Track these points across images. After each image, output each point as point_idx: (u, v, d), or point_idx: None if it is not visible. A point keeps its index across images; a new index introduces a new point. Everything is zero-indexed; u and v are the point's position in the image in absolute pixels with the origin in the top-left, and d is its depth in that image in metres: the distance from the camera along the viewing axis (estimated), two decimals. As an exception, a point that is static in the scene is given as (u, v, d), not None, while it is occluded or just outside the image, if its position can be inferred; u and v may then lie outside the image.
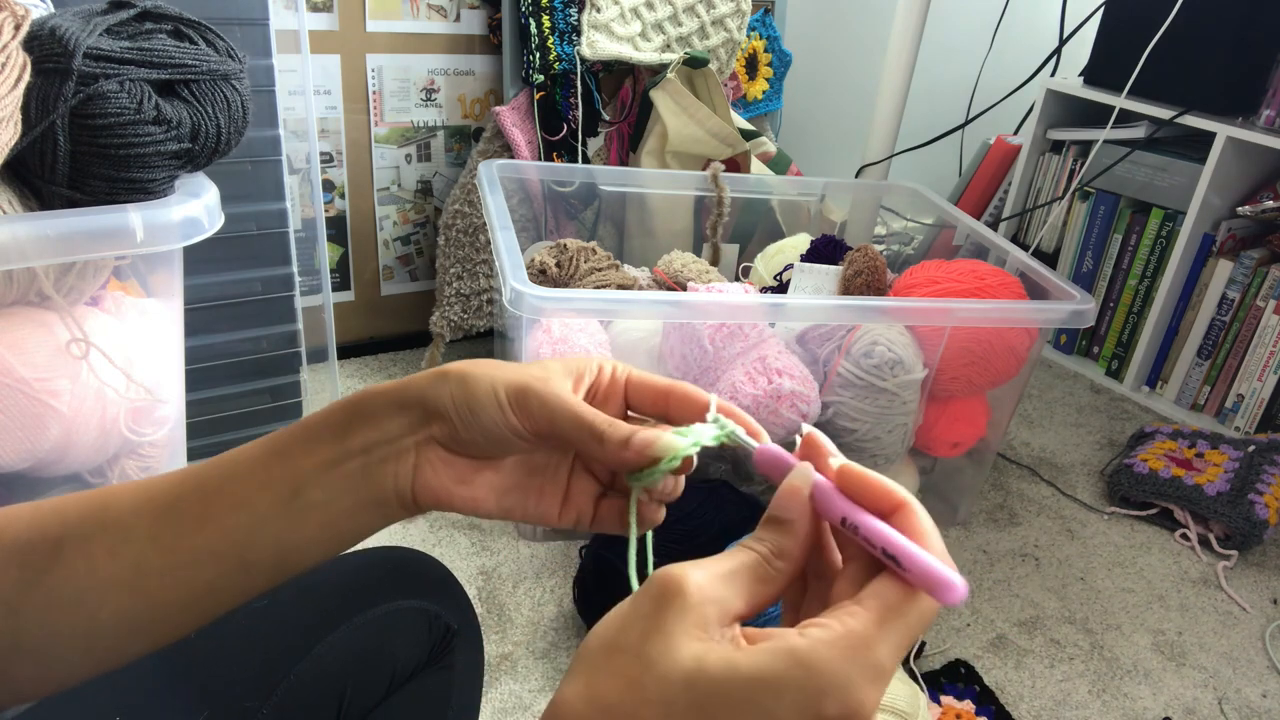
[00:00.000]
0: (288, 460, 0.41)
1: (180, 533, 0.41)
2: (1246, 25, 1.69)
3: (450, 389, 0.41)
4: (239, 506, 0.41)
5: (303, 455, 0.41)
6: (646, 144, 1.58)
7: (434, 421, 0.41)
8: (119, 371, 0.87)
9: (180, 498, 0.42)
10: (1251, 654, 1.26)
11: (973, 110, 2.09)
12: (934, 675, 1.14)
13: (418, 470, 0.41)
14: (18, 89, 0.75)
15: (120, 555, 0.41)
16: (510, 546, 1.30)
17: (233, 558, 0.41)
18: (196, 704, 0.58)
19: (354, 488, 0.41)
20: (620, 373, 0.45)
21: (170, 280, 0.96)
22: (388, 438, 0.41)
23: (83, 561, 0.41)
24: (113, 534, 0.41)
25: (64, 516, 0.42)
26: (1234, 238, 1.79)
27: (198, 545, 0.41)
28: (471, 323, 1.62)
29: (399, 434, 0.41)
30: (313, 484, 0.41)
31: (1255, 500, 1.43)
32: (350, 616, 0.64)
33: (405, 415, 0.41)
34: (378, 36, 1.54)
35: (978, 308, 1.21)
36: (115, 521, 0.41)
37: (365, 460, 0.41)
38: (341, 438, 0.41)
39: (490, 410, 0.41)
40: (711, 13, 1.64)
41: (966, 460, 1.45)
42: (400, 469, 0.41)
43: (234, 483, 0.42)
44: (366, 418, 0.42)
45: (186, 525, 0.41)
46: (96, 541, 0.41)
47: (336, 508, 0.41)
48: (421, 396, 0.41)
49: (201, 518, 0.41)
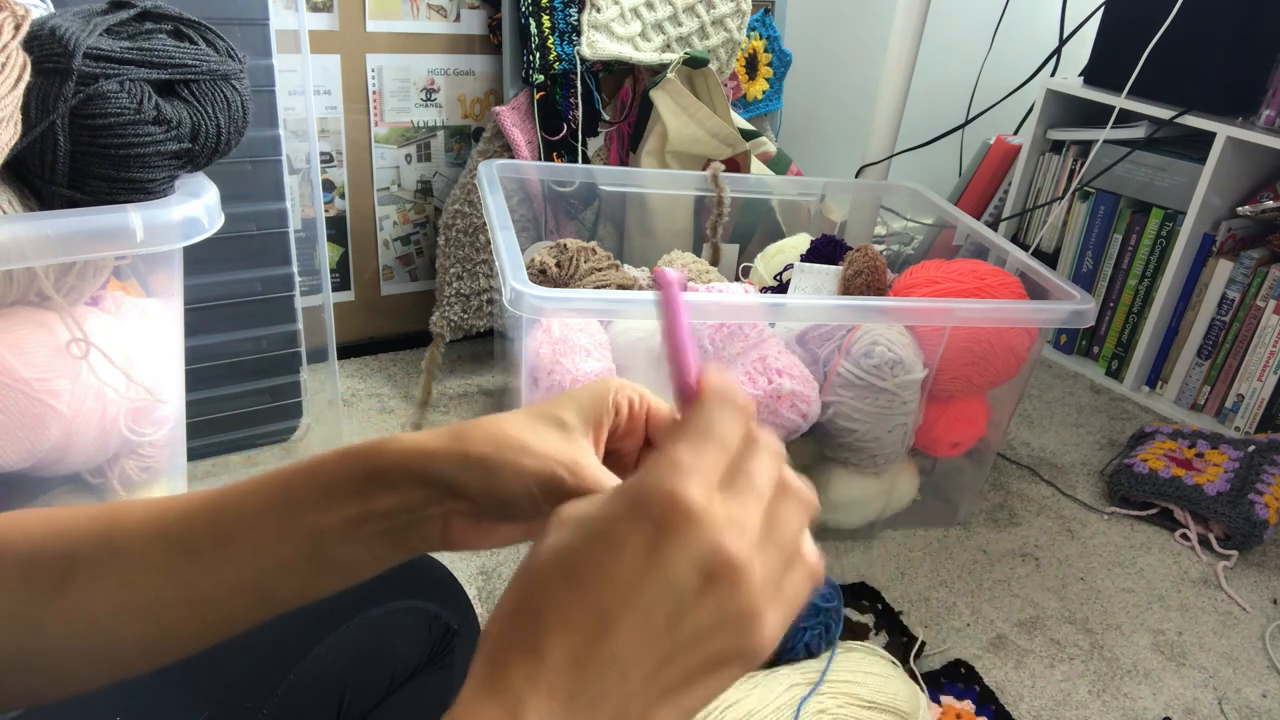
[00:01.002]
0: (303, 514, 0.40)
1: (197, 571, 0.40)
2: (1246, 25, 1.69)
3: (477, 478, 0.39)
4: (258, 554, 0.40)
5: (320, 511, 0.40)
6: (646, 144, 1.58)
7: (460, 499, 0.40)
8: (119, 371, 0.87)
9: (194, 535, 0.41)
10: (1251, 654, 1.26)
11: (973, 110, 2.09)
12: (934, 675, 1.15)
13: (445, 535, 0.41)
14: (18, 89, 0.75)
15: (134, 586, 0.40)
16: (510, 546, 1.29)
17: (253, 594, 0.41)
18: (196, 704, 0.58)
19: (378, 545, 0.41)
20: (639, 406, 0.43)
21: (170, 280, 0.96)
22: (410, 507, 0.40)
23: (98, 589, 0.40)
24: (124, 562, 0.41)
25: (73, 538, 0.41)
26: (1234, 238, 1.79)
27: (217, 583, 0.40)
28: (471, 323, 1.62)
29: (422, 504, 0.40)
30: (335, 542, 0.40)
31: (1255, 500, 1.43)
32: (350, 616, 0.64)
33: (427, 489, 0.40)
34: (378, 36, 1.54)
35: (978, 308, 1.21)
36: (125, 549, 0.41)
37: (390, 525, 0.40)
38: (362, 499, 0.40)
39: (523, 504, 0.39)
40: (711, 13, 1.64)
41: (966, 460, 1.45)
42: (427, 533, 0.41)
43: (249, 530, 0.41)
44: (387, 484, 0.40)
45: (203, 564, 0.40)
46: (108, 569, 0.40)
47: (360, 559, 0.41)
48: (444, 478, 0.40)
49: (218, 558, 0.40)
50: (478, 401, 1.64)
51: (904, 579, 1.32)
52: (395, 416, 1.57)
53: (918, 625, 1.23)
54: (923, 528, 1.43)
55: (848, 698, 0.97)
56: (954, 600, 1.29)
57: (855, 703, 0.96)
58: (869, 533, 1.40)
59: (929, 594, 1.30)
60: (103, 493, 0.98)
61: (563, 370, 1.16)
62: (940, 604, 1.28)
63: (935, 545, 1.40)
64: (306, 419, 1.47)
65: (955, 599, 1.29)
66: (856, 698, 0.97)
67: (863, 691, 0.97)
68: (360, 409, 1.58)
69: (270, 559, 0.40)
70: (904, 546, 1.39)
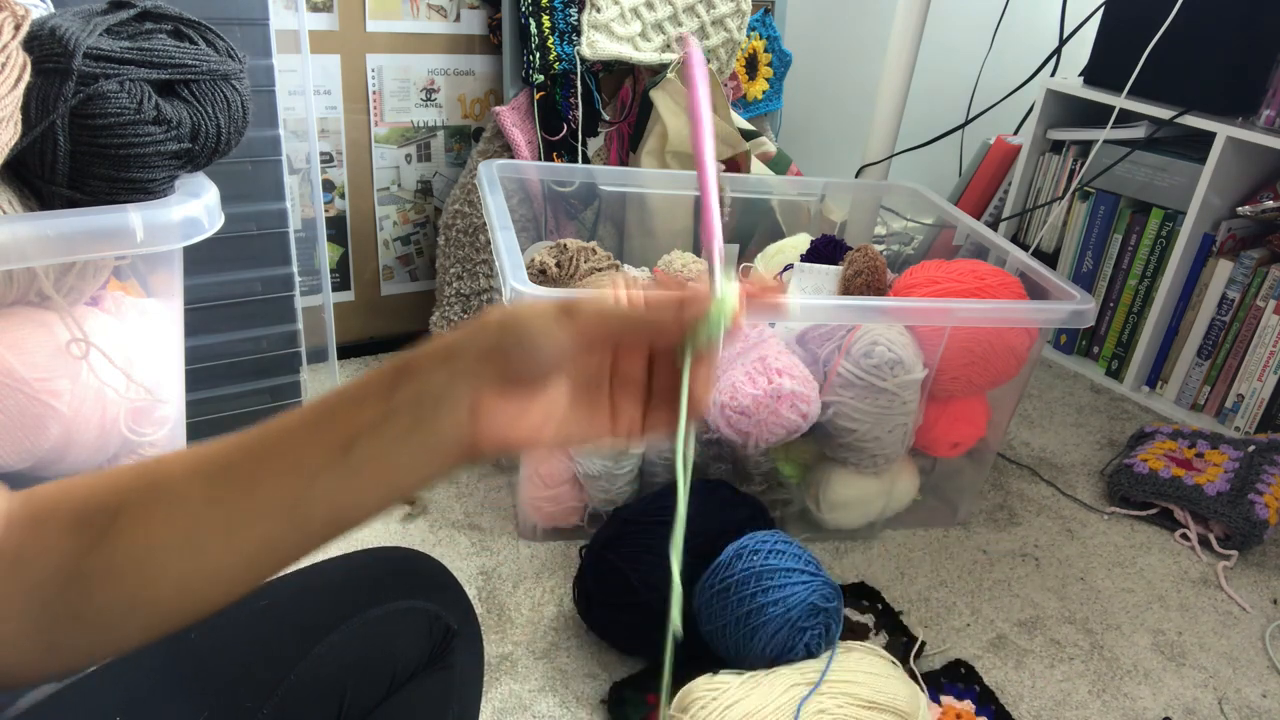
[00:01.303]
0: (336, 421, 0.43)
1: (234, 495, 0.42)
2: (1246, 25, 1.69)
3: (495, 324, 0.43)
4: (292, 468, 0.43)
5: (352, 414, 0.43)
6: (646, 144, 1.58)
7: (482, 364, 0.43)
8: (119, 371, 0.88)
9: (232, 463, 0.43)
10: (1251, 654, 1.26)
11: (973, 110, 2.09)
12: (934, 675, 1.15)
13: (474, 415, 0.43)
14: (18, 89, 0.75)
15: (176, 521, 0.42)
16: (510, 546, 1.30)
17: (286, 516, 0.43)
18: (196, 704, 0.58)
19: (407, 439, 0.43)
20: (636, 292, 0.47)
21: (170, 280, 0.96)
22: (435, 389, 0.43)
23: (140, 529, 0.42)
24: (167, 501, 0.43)
25: (118, 486, 0.43)
26: (1234, 238, 1.79)
27: (253, 505, 0.42)
28: (471, 323, 1.62)
29: (447, 383, 0.43)
30: (365, 439, 0.42)
31: (1255, 500, 1.43)
32: (350, 616, 0.64)
33: (449, 365, 0.43)
34: (378, 36, 1.54)
35: (978, 308, 1.21)
36: (169, 489, 0.43)
37: (417, 413, 0.42)
38: (389, 395, 0.43)
39: (540, 329, 0.43)
40: (711, 13, 1.64)
41: (966, 460, 1.45)
42: (456, 416, 0.43)
43: (284, 444, 0.43)
44: (412, 374, 0.43)
45: (240, 484, 0.43)
46: (152, 509, 0.42)
47: (390, 460, 0.43)
48: (463, 343, 0.43)
49: (254, 478, 0.43)
50: (478, 401, 1.64)
51: (904, 579, 1.32)
52: (395, 416, 1.57)
53: (918, 625, 1.23)
54: (923, 528, 1.43)
55: (848, 698, 0.97)
56: (954, 600, 1.29)
57: (855, 703, 0.96)
58: (869, 533, 1.40)
59: (929, 594, 1.30)
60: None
61: (563, 370, 1.16)
62: (940, 604, 1.28)
63: (935, 545, 1.40)
64: (306, 419, 1.47)
65: (955, 599, 1.29)
66: (856, 698, 0.97)
67: (863, 691, 0.97)
68: (360, 409, 1.58)
69: (304, 471, 0.42)
70: (904, 546, 1.39)
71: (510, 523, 1.34)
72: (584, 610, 1.13)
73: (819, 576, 1.04)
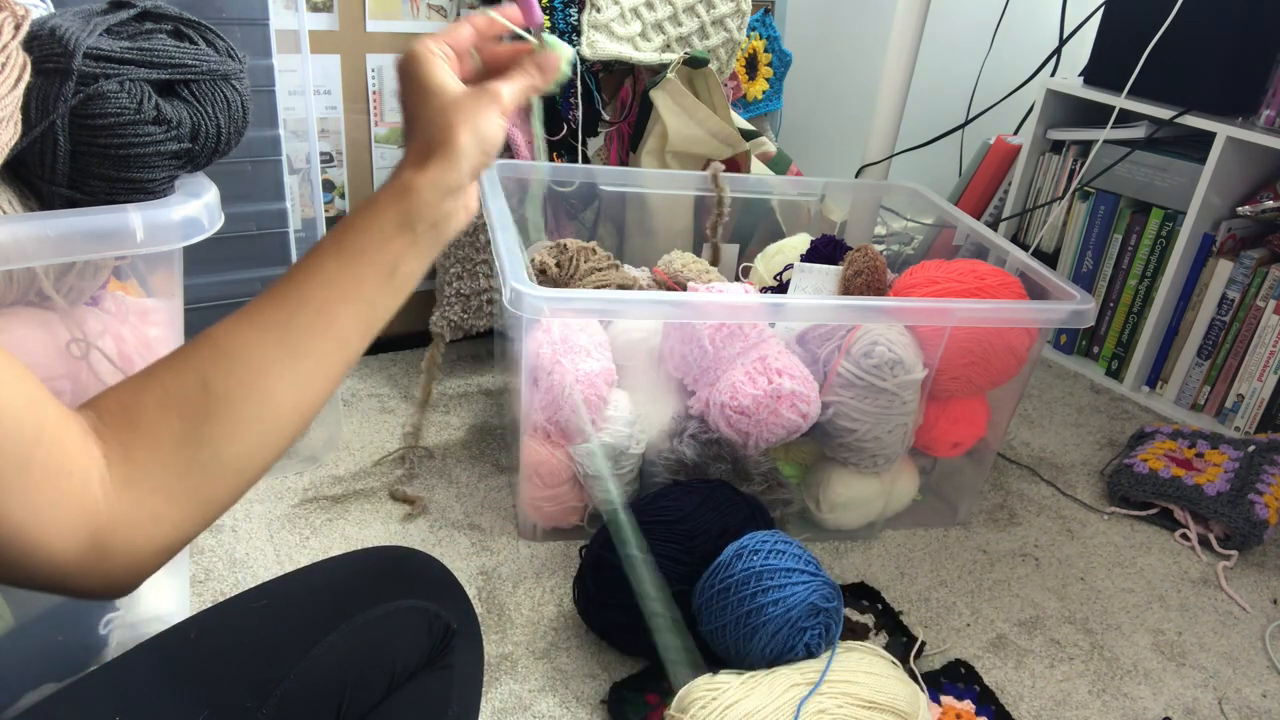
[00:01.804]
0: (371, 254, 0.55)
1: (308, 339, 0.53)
2: (1246, 25, 1.69)
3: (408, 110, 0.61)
4: (352, 300, 0.54)
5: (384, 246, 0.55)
6: (646, 144, 1.58)
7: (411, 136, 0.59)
8: (119, 371, 0.87)
9: (293, 316, 0.52)
10: (1251, 654, 1.26)
11: (973, 110, 2.09)
12: (934, 675, 1.15)
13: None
14: (18, 89, 0.75)
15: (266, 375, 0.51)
16: (510, 546, 1.30)
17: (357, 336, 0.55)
18: (196, 704, 0.58)
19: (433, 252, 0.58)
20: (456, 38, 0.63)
21: (170, 280, 0.96)
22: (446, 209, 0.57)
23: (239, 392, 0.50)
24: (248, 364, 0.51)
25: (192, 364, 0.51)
26: (1234, 238, 1.79)
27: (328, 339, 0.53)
28: (471, 323, 1.62)
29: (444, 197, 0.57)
30: (404, 262, 0.56)
31: (1255, 500, 1.43)
32: (350, 616, 0.64)
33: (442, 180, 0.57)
34: (378, 36, 1.54)
35: (978, 308, 1.21)
36: (243, 355, 0.51)
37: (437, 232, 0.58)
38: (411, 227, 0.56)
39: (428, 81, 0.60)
40: (711, 13, 1.64)
41: (966, 460, 1.45)
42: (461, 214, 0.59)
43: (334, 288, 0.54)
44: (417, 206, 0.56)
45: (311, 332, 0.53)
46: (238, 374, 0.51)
47: (420, 271, 0.57)
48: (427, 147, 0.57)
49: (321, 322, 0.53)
50: (478, 401, 1.64)
51: (904, 579, 1.32)
52: (395, 416, 1.57)
53: (918, 625, 1.23)
54: (923, 528, 1.43)
55: (848, 698, 0.97)
56: (954, 600, 1.29)
57: (855, 703, 0.96)
58: (869, 533, 1.40)
59: (929, 594, 1.30)
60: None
61: (563, 370, 1.16)
62: (940, 604, 1.28)
63: (935, 545, 1.40)
64: (306, 419, 1.47)
65: (955, 599, 1.29)
66: (856, 698, 0.97)
67: (863, 691, 0.97)
68: (360, 409, 1.58)
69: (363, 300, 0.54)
70: (904, 546, 1.39)
71: (510, 523, 1.34)
72: (584, 610, 1.13)
73: (819, 576, 1.04)
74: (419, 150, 0.57)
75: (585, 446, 1.22)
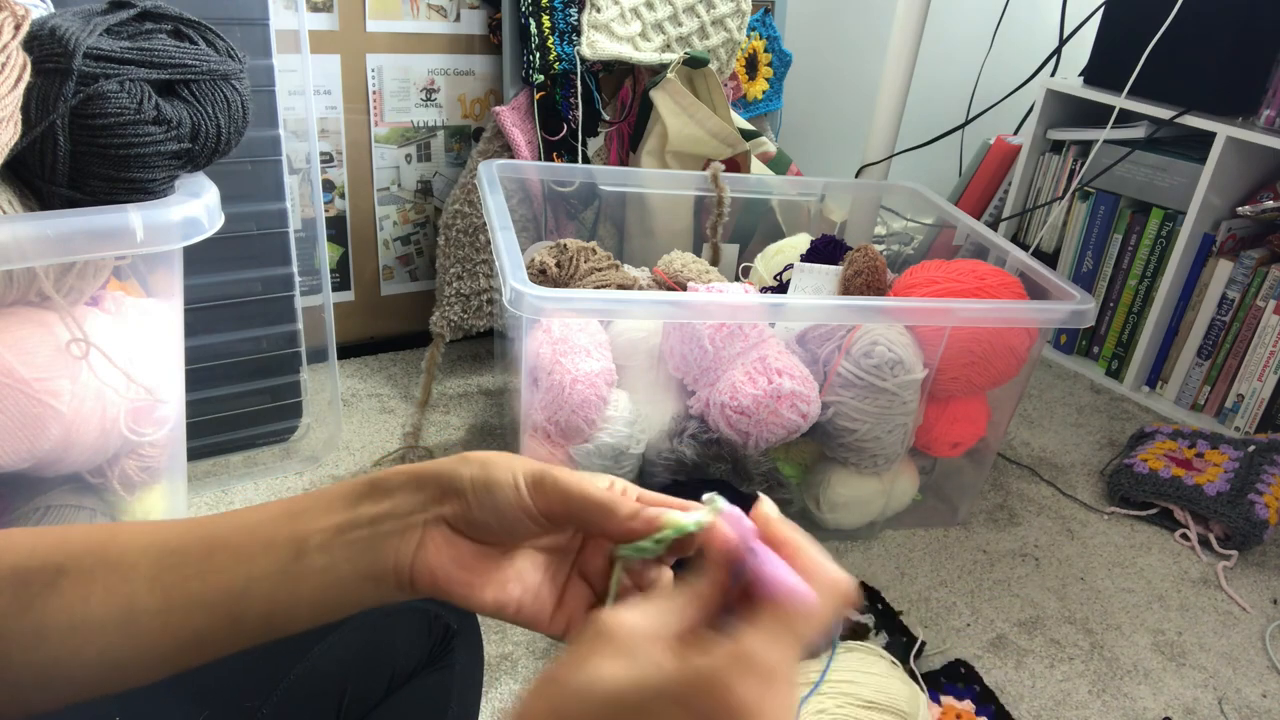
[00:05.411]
0: (299, 522, 0.42)
1: (179, 579, 0.41)
2: (1246, 25, 1.69)
3: (471, 470, 0.42)
4: (240, 561, 0.41)
5: (314, 519, 0.42)
6: (646, 144, 1.58)
7: (448, 500, 0.42)
8: (119, 371, 0.87)
9: (186, 545, 0.42)
10: (1251, 654, 1.26)
11: (973, 110, 2.09)
12: (934, 675, 1.15)
13: (420, 547, 0.41)
14: (18, 89, 0.75)
15: (117, 594, 0.41)
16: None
17: (224, 611, 0.41)
18: (196, 704, 0.58)
19: (355, 557, 0.41)
20: (626, 485, 0.44)
21: (170, 280, 0.96)
22: (398, 512, 0.41)
23: (79, 595, 0.40)
24: (114, 572, 0.41)
25: (68, 547, 0.42)
26: (1234, 238, 1.79)
27: (192, 593, 0.41)
28: (471, 323, 1.62)
29: (410, 510, 0.42)
30: (316, 548, 0.41)
31: (1255, 500, 1.43)
32: (350, 616, 0.64)
33: (421, 492, 0.42)
34: (378, 36, 1.54)
35: (978, 308, 1.21)
36: (119, 559, 0.41)
37: (373, 531, 0.41)
38: (354, 506, 0.42)
39: (507, 490, 0.41)
40: (711, 13, 1.64)
41: (966, 460, 1.45)
42: (403, 545, 0.41)
43: (241, 536, 0.42)
44: (383, 491, 0.42)
45: (187, 572, 0.41)
46: (97, 577, 0.41)
47: (334, 575, 0.41)
48: (439, 474, 0.42)
49: (203, 565, 0.41)
50: (478, 401, 1.64)
51: (904, 579, 1.32)
52: (395, 416, 1.57)
53: (918, 625, 1.23)
54: (923, 528, 1.43)
55: (847, 698, 0.97)
56: (954, 600, 1.29)
57: (855, 703, 0.96)
58: (869, 533, 1.40)
59: (929, 594, 1.30)
60: (103, 493, 0.98)
61: (563, 370, 1.16)
62: (940, 604, 1.28)
63: (935, 545, 1.40)
64: (306, 419, 1.47)
65: (955, 599, 1.29)
66: (856, 698, 0.97)
67: (862, 691, 0.97)
68: (360, 409, 1.58)
69: (250, 567, 0.41)
70: (904, 546, 1.39)
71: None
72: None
73: (819, 576, 1.04)
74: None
75: (585, 447, 1.22)
